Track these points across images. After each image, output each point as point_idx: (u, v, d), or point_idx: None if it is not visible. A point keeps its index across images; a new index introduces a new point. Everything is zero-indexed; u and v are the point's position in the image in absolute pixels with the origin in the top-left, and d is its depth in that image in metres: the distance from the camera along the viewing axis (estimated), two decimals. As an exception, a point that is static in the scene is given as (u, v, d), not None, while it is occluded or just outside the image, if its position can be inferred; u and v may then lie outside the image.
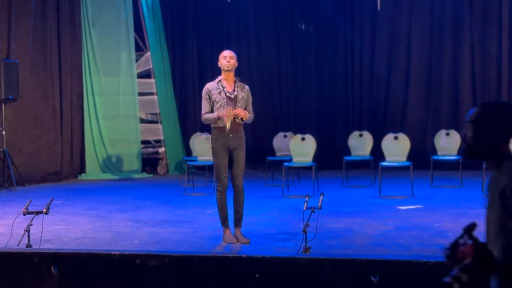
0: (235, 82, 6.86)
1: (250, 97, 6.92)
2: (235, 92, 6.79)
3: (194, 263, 4.64)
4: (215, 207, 9.13)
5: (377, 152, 11.14)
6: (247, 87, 6.93)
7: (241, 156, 6.78)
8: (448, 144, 11.06)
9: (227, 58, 6.79)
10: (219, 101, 6.72)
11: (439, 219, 7.97)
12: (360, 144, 11.32)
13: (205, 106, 6.78)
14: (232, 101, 6.75)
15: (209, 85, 6.85)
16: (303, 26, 14.49)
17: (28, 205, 6.10)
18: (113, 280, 4.77)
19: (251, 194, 10.36)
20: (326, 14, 14.21)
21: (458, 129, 11.97)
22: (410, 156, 10.35)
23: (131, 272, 4.72)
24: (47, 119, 12.30)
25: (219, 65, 6.91)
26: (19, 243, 5.86)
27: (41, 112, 12.17)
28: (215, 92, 6.74)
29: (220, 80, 6.84)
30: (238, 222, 6.85)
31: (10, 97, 11.30)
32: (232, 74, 6.83)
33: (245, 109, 6.78)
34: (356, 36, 14.09)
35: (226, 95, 6.74)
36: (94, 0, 13.19)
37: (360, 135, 11.40)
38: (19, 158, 11.76)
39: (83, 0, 13.07)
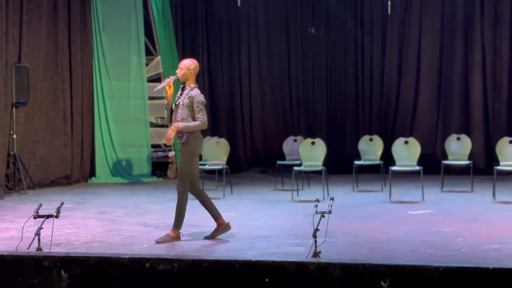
0: (184, 89, 7.04)
1: (196, 104, 6.94)
2: (179, 100, 6.97)
3: (204, 267, 4.64)
4: (225, 212, 9.16)
5: (387, 157, 11.11)
6: (192, 94, 7.00)
7: (180, 161, 7.12)
8: (458, 148, 11.02)
9: (178, 69, 6.92)
10: (171, 107, 7.11)
11: (449, 224, 7.94)
12: (370, 148, 11.30)
13: None
14: (177, 107, 7.03)
15: None
16: (313, 30, 14.48)
17: (38, 209, 6.11)
18: (122, 283, 4.77)
19: (261, 199, 10.40)
20: (336, 17, 14.21)
21: (469, 134, 11.95)
22: (421, 161, 10.31)
23: (140, 276, 4.72)
24: (58, 123, 12.35)
25: None
26: (29, 246, 5.88)
27: (52, 116, 12.22)
28: (171, 99, 7.09)
29: (181, 87, 7.07)
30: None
31: (21, 100, 11.35)
32: (186, 82, 6.99)
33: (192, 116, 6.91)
34: (367, 39, 14.08)
35: (175, 102, 7.01)
36: (105, 5, 13.24)
37: (370, 140, 11.39)
38: (33, 162, 11.81)
39: (94, 4, 13.13)
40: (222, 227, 7.22)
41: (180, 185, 7.04)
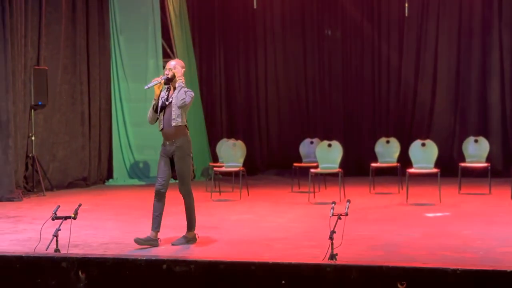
0: (175, 88, 6.97)
1: (186, 91, 6.90)
2: (171, 99, 6.93)
3: (220, 269, 4.65)
4: (241, 214, 9.18)
5: (404, 159, 11.07)
6: (184, 88, 6.94)
7: (177, 165, 6.99)
8: (476, 151, 10.96)
9: (166, 70, 6.97)
10: (161, 106, 6.99)
11: (467, 226, 7.90)
12: (387, 150, 11.27)
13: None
14: (168, 107, 6.93)
15: None
16: (329, 32, 14.47)
17: (56, 210, 6.16)
18: (139, 285, 4.80)
19: (277, 201, 10.40)
20: (353, 19, 14.18)
21: (486, 136, 11.87)
22: (438, 163, 10.27)
23: (157, 277, 4.74)
24: (76, 125, 12.43)
25: None
26: (47, 247, 5.92)
27: (70, 118, 12.30)
28: (161, 98, 6.98)
29: (168, 88, 7.00)
30: (187, 224, 7.08)
31: (40, 103, 11.44)
32: (175, 83, 6.95)
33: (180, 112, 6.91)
34: (384, 42, 14.04)
35: (164, 102, 6.93)
36: (123, 8, 13.32)
37: (387, 142, 11.35)
38: (52, 164, 11.90)
39: (111, 7, 13.22)
40: (192, 238, 7.10)
41: (183, 189, 7.02)
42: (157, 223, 6.93)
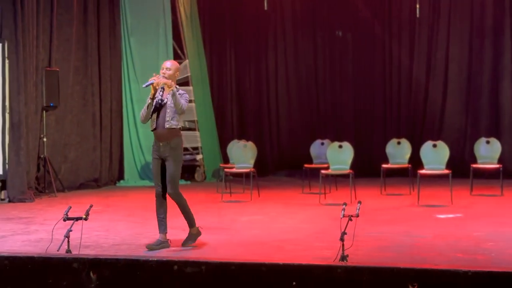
0: (168, 88, 6.91)
1: (182, 94, 6.85)
2: (166, 99, 6.86)
3: (231, 270, 4.65)
4: (252, 215, 9.18)
5: (415, 160, 11.03)
6: (181, 92, 6.88)
7: (170, 166, 6.84)
8: (488, 152, 10.91)
9: (163, 70, 6.87)
10: (154, 107, 6.89)
11: (479, 228, 7.86)
12: (398, 151, 11.24)
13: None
14: (163, 107, 6.87)
15: None
16: (340, 33, 14.45)
17: (68, 211, 6.18)
18: (150, 286, 4.81)
19: (288, 202, 10.39)
20: (364, 20, 14.16)
21: (498, 137, 11.81)
22: (449, 164, 10.23)
23: (168, 278, 4.75)
24: (87, 127, 12.47)
25: None
26: (59, 248, 5.94)
27: (81, 120, 12.35)
28: (155, 99, 6.88)
29: (161, 88, 6.92)
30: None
31: (52, 104, 11.49)
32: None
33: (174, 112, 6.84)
34: (395, 43, 14.01)
35: (158, 102, 6.85)
36: (133, 9, 13.36)
37: (398, 143, 11.32)
38: (64, 165, 11.95)
39: (122, 9, 13.26)
40: (197, 232, 7.08)
41: (173, 192, 6.83)
42: (164, 225, 6.93)
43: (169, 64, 6.95)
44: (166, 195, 6.91)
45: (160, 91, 6.89)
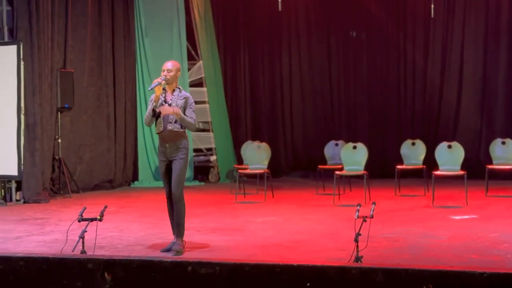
0: (174, 91, 6.86)
1: (191, 105, 6.84)
2: (170, 101, 6.81)
3: (245, 271, 4.65)
4: (266, 216, 9.18)
5: (430, 161, 10.98)
6: (186, 95, 6.88)
7: (177, 166, 6.77)
8: (504, 153, 10.84)
9: (164, 72, 6.80)
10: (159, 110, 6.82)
11: (494, 229, 7.81)
12: (412, 152, 11.20)
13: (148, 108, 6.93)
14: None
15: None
16: (354, 34, 14.41)
17: (82, 212, 6.21)
18: (164, 286, 4.81)
19: (302, 203, 10.38)
20: (378, 21, 14.12)
21: (514, 138, 11.73)
22: (464, 165, 10.17)
23: (182, 279, 4.75)
24: (102, 128, 12.52)
25: None
26: (74, 249, 5.97)
27: (96, 121, 12.40)
28: (158, 101, 6.82)
29: (163, 89, 6.86)
30: (176, 230, 6.83)
31: (66, 105, 11.54)
32: (172, 85, 6.85)
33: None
34: (409, 43, 13.96)
35: (162, 104, 6.80)
36: (148, 10, 13.40)
37: (413, 144, 11.28)
38: (79, 166, 12.00)
39: (137, 10, 13.31)
40: (183, 245, 6.87)
41: (179, 192, 6.75)
42: None
43: (170, 65, 6.87)
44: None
45: (163, 93, 6.87)
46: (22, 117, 10.71)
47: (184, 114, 6.78)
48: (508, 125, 13.19)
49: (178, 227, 6.81)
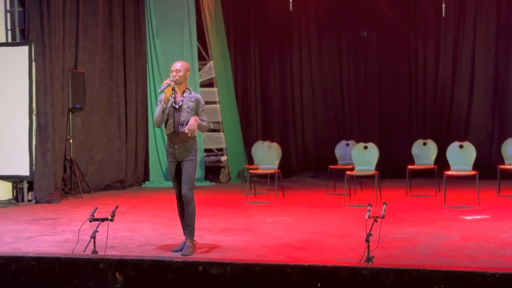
0: (184, 92, 6.84)
1: (201, 106, 6.84)
2: (181, 102, 6.78)
3: (256, 271, 4.65)
4: (277, 216, 9.18)
5: (441, 161, 10.95)
6: (197, 96, 6.87)
7: (186, 167, 6.76)
8: (515, 153, 10.79)
9: (173, 72, 6.76)
10: (168, 111, 6.79)
11: (506, 229, 7.78)
12: (424, 152, 11.16)
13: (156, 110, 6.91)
14: (178, 110, 6.78)
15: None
16: (365, 34, 14.39)
17: (94, 212, 6.23)
18: (175, 286, 4.82)
19: (312, 203, 10.37)
20: (389, 20, 14.08)
21: (526, 138, 11.67)
22: (476, 165, 10.13)
23: (193, 279, 4.76)
24: (113, 128, 12.55)
25: None
26: (85, 249, 5.99)
27: (107, 121, 12.43)
28: (168, 102, 6.78)
29: (172, 90, 6.83)
30: (187, 232, 6.82)
31: (77, 106, 11.58)
32: (181, 86, 6.82)
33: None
34: (420, 43, 13.91)
35: (172, 105, 6.77)
36: (158, 11, 13.42)
37: (424, 144, 11.24)
38: (91, 167, 12.04)
39: (148, 10, 13.33)
40: (194, 245, 6.87)
41: (190, 193, 6.74)
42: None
43: (179, 65, 6.84)
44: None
45: (172, 93, 6.86)
46: (34, 117, 10.76)
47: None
48: (520, 124, 13.13)
49: (188, 228, 6.81)
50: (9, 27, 11.01)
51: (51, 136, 10.87)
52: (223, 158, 13.72)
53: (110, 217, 6.14)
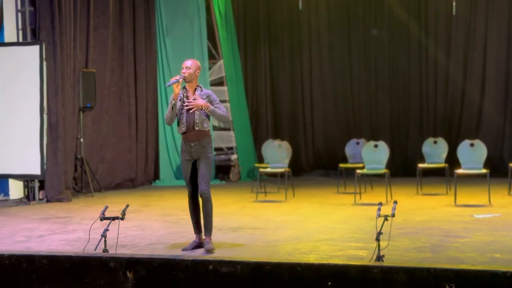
0: (195, 89, 6.83)
1: (215, 100, 6.82)
2: (192, 99, 6.77)
3: (266, 270, 4.65)
4: (287, 214, 9.18)
5: (452, 160, 10.91)
6: (208, 92, 6.86)
7: (202, 165, 6.75)
8: (527, 151, 10.75)
9: (183, 69, 6.75)
10: (180, 108, 6.79)
11: (517, 228, 7.75)
12: (434, 151, 11.13)
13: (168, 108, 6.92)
14: (190, 108, 6.76)
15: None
16: (376, 32, 14.36)
17: (104, 211, 6.24)
18: (186, 285, 4.83)
19: (323, 202, 10.36)
20: (399, 19, 14.04)
21: (537, 136, 11.62)
22: (487, 164, 10.09)
23: (204, 278, 4.77)
24: (123, 127, 12.58)
25: None
26: (96, 248, 6.00)
27: (117, 120, 12.46)
28: (179, 100, 6.77)
29: (184, 88, 6.82)
30: (205, 229, 6.82)
31: (88, 105, 11.62)
32: (192, 83, 6.80)
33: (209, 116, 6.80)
34: (430, 41, 13.87)
35: (183, 102, 6.76)
36: (169, 10, 13.44)
37: (435, 142, 11.21)
38: (101, 165, 12.08)
39: (158, 10, 13.35)
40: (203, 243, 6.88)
41: (207, 190, 6.73)
42: (199, 227, 6.92)
43: (189, 63, 6.82)
44: (198, 196, 6.88)
45: (184, 92, 6.84)
46: (45, 116, 10.80)
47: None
48: (531, 123, 13.07)
49: (207, 225, 6.81)
50: (20, 27, 11.06)
51: (62, 135, 10.90)
52: (233, 156, 13.73)
53: (120, 216, 6.15)
